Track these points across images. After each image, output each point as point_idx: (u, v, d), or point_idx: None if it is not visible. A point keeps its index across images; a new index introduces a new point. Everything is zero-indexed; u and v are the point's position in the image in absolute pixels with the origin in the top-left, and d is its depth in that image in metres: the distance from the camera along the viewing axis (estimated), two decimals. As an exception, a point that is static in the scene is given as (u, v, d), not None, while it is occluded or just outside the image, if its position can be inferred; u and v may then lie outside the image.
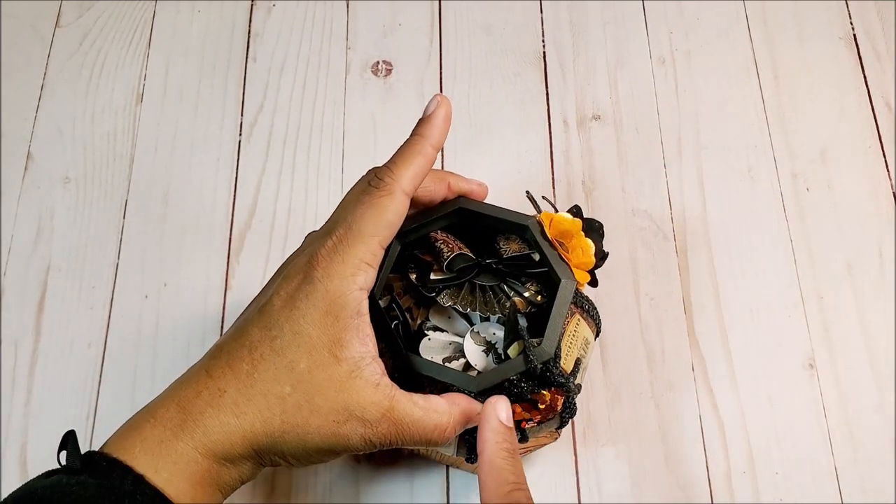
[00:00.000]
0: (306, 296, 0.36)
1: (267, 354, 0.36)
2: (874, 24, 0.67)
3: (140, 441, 0.35)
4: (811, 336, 0.57)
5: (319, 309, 0.36)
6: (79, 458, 0.34)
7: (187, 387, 0.37)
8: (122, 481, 0.34)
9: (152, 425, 0.36)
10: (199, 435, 0.35)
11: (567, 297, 0.42)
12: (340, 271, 0.36)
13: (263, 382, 0.36)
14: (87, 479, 0.33)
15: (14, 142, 0.64)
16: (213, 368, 0.37)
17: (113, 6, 0.69)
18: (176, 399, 0.36)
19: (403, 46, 0.67)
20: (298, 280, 0.37)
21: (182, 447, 0.35)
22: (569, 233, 0.44)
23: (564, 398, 0.41)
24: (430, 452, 0.51)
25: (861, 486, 0.53)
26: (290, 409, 0.36)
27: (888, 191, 0.62)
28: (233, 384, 0.36)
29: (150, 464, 0.35)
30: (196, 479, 0.35)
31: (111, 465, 0.34)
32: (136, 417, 0.37)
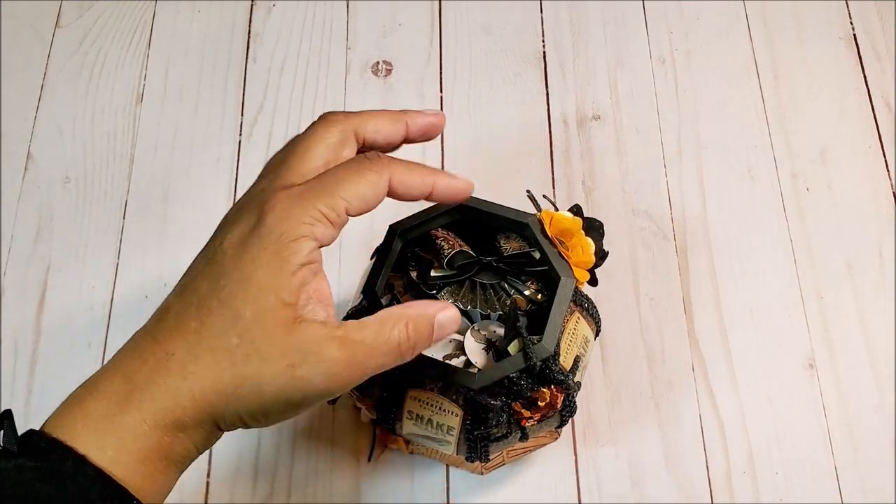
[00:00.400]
0: (259, 239, 0.33)
1: (214, 307, 0.33)
2: (874, 24, 0.67)
3: (82, 417, 0.33)
4: (811, 336, 0.57)
5: (269, 251, 0.33)
6: (15, 439, 0.32)
7: (132, 355, 0.34)
8: (62, 462, 0.31)
9: (95, 399, 0.33)
10: (146, 405, 0.33)
11: (567, 294, 0.42)
12: (299, 216, 0.34)
13: (211, 338, 0.33)
14: (24, 463, 0.31)
15: (14, 142, 0.64)
16: (158, 332, 0.34)
17: (113, 6, 0.69)
18: (120, 369, 0.33)
19: (403, 46, 0.67)
20: (251, 224, 0.34)
21: (129, 421, 0.32)
22: (569, 231, 0.44)
23: (564, 396, 0.41)
24: (430, 452, 0.51)
25: (861, 486, 0.53)
26: (239, 360, 0.33)
27: (888, 191, 0.62)
28: (181, 345, 0.33)
29: (93, 441, 0.32)
30: (145, 455, 0.33)
31: (50, 445, 0.32)
32: (78, 392, 0.34)
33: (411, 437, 0.44)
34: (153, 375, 0.33)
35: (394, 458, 0.53)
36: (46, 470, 0.31)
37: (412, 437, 0.44)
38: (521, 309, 0.44)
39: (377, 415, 0.44)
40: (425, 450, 0.50)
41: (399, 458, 0.53)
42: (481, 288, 0.45)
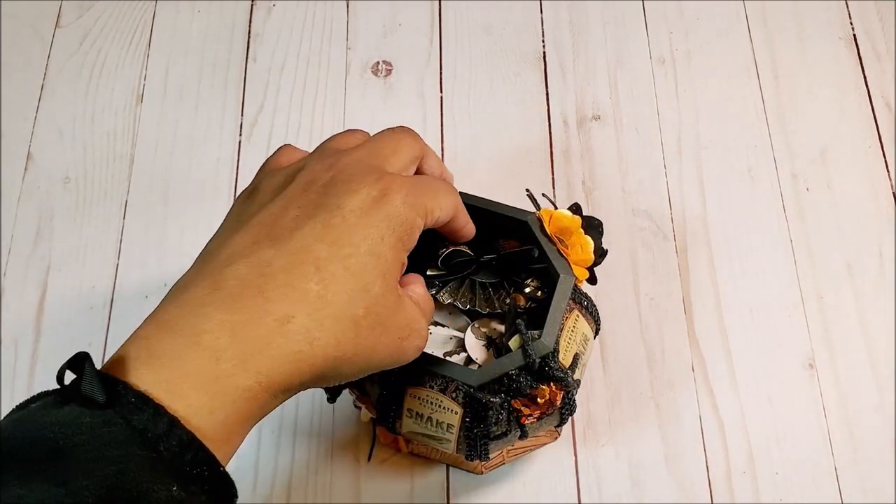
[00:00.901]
0: (387, 218, 0.34)
1: (340, 274, 0.32)
2: (874, 24, 0.67)
3: (187, 375, 0.29)
4: (811, 336, 0.57)
5: (397, 234, 0.34)
6: (101, 387, 0.28)
7: (237, 309, 0.31)
8: (155, 422, 0.28)
9: (199, 356, 0.30)
10: (265, 369, 0.31)
11: (566, 292, 0.42)
12: (418, 207, 0.35)
13: (337, 305, 0.32)
14: (112, 418, 0.28)
15: (14, 142, 0.64)
16: (266, 288, 0.31)
17: (113, 6, 0.69)
18: (227, 324, 0.30)
19: (403, 46, 0.67)
20: (373, 197, 0.34)
21: (244, 383, 0.30)
22: (568, 229, 0.44)
23: (563, 393, 0.41)
24: (430, 451, 0.51)
25: (861, 486, 0.53)
26: (363, 331, 0.33)
27: (888, 191, 0.62)
28: (301, 308, 0.32)
29: (204, 404, 0.29)
30: (245, 418, 0.31)
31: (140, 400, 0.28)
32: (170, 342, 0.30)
33: (411, 435, 0.44)
34: (274, 338, 0.31)
35: (394, 458, 0.53)
36: (139, 430, 0.28)
37: (412, 435, 0.44)
38: (520, 306, 0.44)
39: (377, 413, 0.44)
40: (425, 448, 0.50)
41: (399, 458, 0.53)
42: (481, 287, 0.45)
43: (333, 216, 0.33)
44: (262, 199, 0.36)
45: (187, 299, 0.32)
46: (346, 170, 0.35)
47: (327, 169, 0.35)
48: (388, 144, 0.38)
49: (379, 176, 0.35)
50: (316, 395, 0.55)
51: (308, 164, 0.36)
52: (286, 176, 0.36)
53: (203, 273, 0.33)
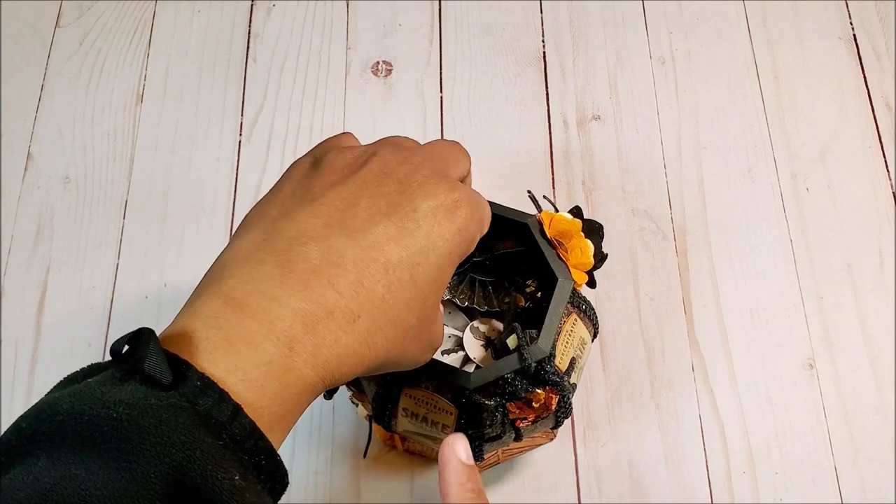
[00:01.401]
0: (458, 231, 0.33)
1: (405, 280, 0.32)
2: (874, 24, 0.67)
3: (264, 365, 0.28)
4: (811, 336, 0.57)
5: (461, 248, 0.34)
6: (167, 368, 0.27)
7: (307, 298, 0.30)
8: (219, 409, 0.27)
9: (275, 344, 0.29)
10: (330, 365, 0.30)
11: (564, 296, 0.42)
12: (477, 223, 0.35)
13: (397, 312, 0.32)
14: (179, 402, 0.26)
15: (14, 142, 0.64)
16: (338, 281, 0.30)
17: (113, 6, 0.69)
18: (300, 314, 0.29)
19: (403, 46, 0.67)
20: (446, 205, 0.33)
21: (310, 377, 0.30)
22: (568, 232, 0.44)
23: (559, 397, 0.41)
24: (426, 449, 0.51)
25: (861, 486, 0.53)
26: (409, 339, 0.33)
27: (888, 191, 0.62)
28: (367, 309, 0.31)
29: (278, 395, 0.29)
30: (304, 406, 0.31)
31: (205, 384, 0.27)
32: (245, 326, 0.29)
33: (407, 434, 0.44)
34: (341, 336, 0.30)
35: (393, 457, 0.53)
36: (203, 415, 0.27)
37: (407, 434, 0.44)
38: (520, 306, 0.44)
39: (373, 411, 0.44)
40: (421, 447, 0.51)
41: (399, 458, 0.53)
42: (480, 284, 0.45)
43: (409, 219, 0.32)
44: (330, 175, 0.34)
45: (256, 276, 0.30)
46: (420, 169, 0.34)
47: (402, 162, 0.34)
48: (451, 154, 0.37)
49: (452, 185, 0.34)
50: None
51: (379, 152, 0.34)
52: (356, 157, 0.34)
53: (270, 246, 0.31)
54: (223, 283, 0.30)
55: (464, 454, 0.38)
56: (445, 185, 0.34)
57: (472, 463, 0.38)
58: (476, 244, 0.35)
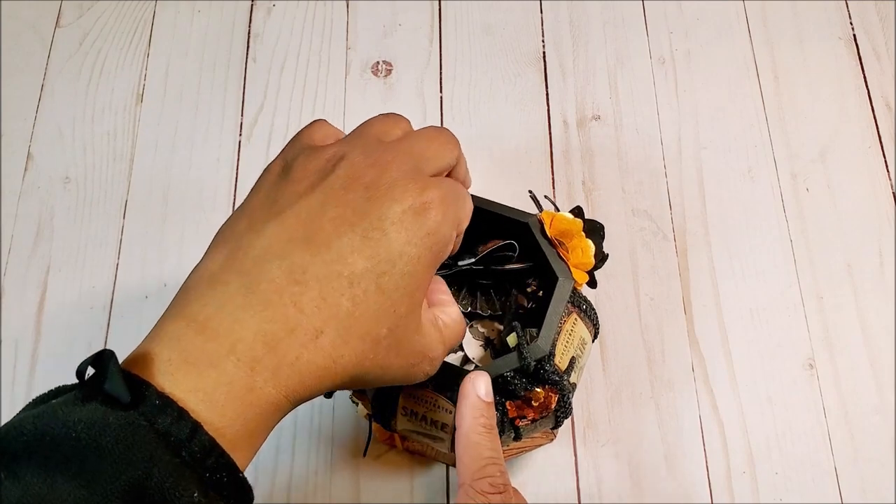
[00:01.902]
0: (428, 234, 0.32)
1: (371, 292, 0.31)
2: (874, 24, 0.67)
3: (225, 385, 0.29)
4: (811, 336, 0.57)
5: (433, 253, 0.33)
6: (126, 387, 0.27)
7: (270, 318, 0.30)
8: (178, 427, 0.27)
9: (236, 365, 0.29)
10: (293, 383, 0.30)
11: (564, 295, 0.42)
12: (452, 221, 0.34)
13: (364, 324, 0.32)
14: (138, 420, 0.27)
15: (14, 142, 0.64)
16: (301, 298, 0.31)
17: (113, 6, 0.69)
18: (261, 334, 0.30)
19: (403, 46, 0.67)
20: (412, 209, 0.32)
21: (273, 395, 0.30)
22: (569, 232, 0.44)
23: (559, 397, 0.41)
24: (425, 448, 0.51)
25: (861, 486, 0.53)
26: (381, 351, 0.33)
27: (888, 191, 0.62)
28: (331, 324, 0.31)
29: (238, 414, 0.29)
30: (270, 425, 0.31)
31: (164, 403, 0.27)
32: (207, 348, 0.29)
33: (406, 433, 0.44)
34: (303, 353, 0.31)
35: (393, 457, 0.53)
36: (162, 433, 0.27)
37: (407, 433, 0.44)
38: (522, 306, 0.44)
39: (373, 410, 0.44)
40: (420, 446, 0.51)
41: (399, 458, 0.53)
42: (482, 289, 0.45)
43: (374, 228, 0.32)
44: (298, 183, 0.33)
45: (220, 298, 0.31)
46: (389, 170, 0.33)
47: (371, 164, 0.33)
48: (430, 146, 0.36)
49: (423, 186, 0.33)
50: (316, 396, 0.55)
51: (349, 155, 0.34)
52: (326, 161, 0.34)
53: (235, 266, 0.31)
54: (187, 306, 0.31)
55: (483, 391, 0.38)
56: (414, 186, 0.33)
57: (490, 400, 0.38)
58: (453, 243, 0.34)
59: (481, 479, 0.36)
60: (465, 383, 0.38)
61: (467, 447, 0.37)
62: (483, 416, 0.38)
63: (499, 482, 0.36)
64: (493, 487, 0.36)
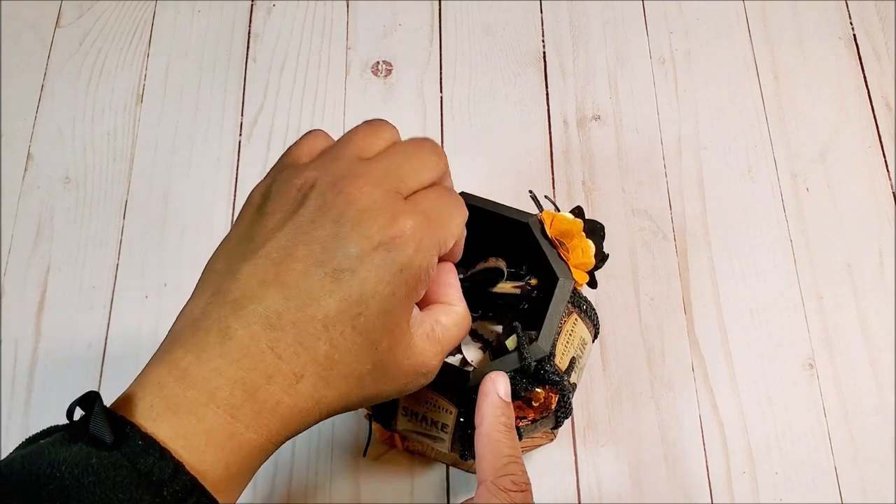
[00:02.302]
0: (400, 270, 0.32)
1: (347, 334, 0.31)
2: (874, 24, 0.67)
3: (205, 432, 0.29)
4: (811, 336, 0.57)
5: (409, 286, 0.32)
6: (109, 428, 0.28)
7: (248, 367, 0.30)
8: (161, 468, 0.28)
9: (216, 412, 0.30)
10: (275, 426, 0.31)
11: (564, 295, 0.42)
12: (428, 249, 0.33)
13: (345, 365, 0.32)
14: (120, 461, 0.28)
15: (14, 142, 0.64)
16: (278, 345, 0.31)
17: (113, 6, 0.69)
18: (240, 382, 0.30)
19: (403, 46, 0.67)
20: (381, 242, 0.32)
21: (255, 440, 0.31)
22: (569, 232, 0.44)
23: (559, 397, 0.41)
24: (425, 448, 0.51)
25: (861, 486, 0.53)
26: (367, 384, 0.33)
27: (888, 191, 0.62)
28: (310, 368, 0.31)
29: (221, 459, 0.30)
30: (254, 466, 0.31)
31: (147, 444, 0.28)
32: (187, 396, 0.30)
33: (406, 433, 0.44)
34: (283, 398, 0.31)
35: (393, 457, 0.53)
36: (144, 473, 0.28)
37: (407, 433, 0.44)
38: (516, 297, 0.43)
39: (373, 409, 0.44)
40: (421, 446, 0.51)
41: (399, 458, 0.53)
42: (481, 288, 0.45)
43: (343, 267, 0.31)
44: (270, 218, 0.33)
45: (200, 345, 0.31)
46: (358, 199, 0.32)
47: (339, 192, 0.32)
48: (409, 162, 0.34)
49: (392, 216, 0.32)
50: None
51: (318, 183, 0.33)
52: (298, 190, 0.33)
53: (214, 312, 0.32)
54: (171, 352, 0.31)
55: (503, 391, 0.38)
56: (383, 218, 0.32)
57: (509, 400, 0.39)
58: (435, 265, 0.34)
59: (503, 476, 0.36)
60: (486, 382, 0.38)
61: (488, 445, 0.37)
62: (504, 415, 0.38)
63: (521, 480, 0.37)
64: (515, 485, 0.36)
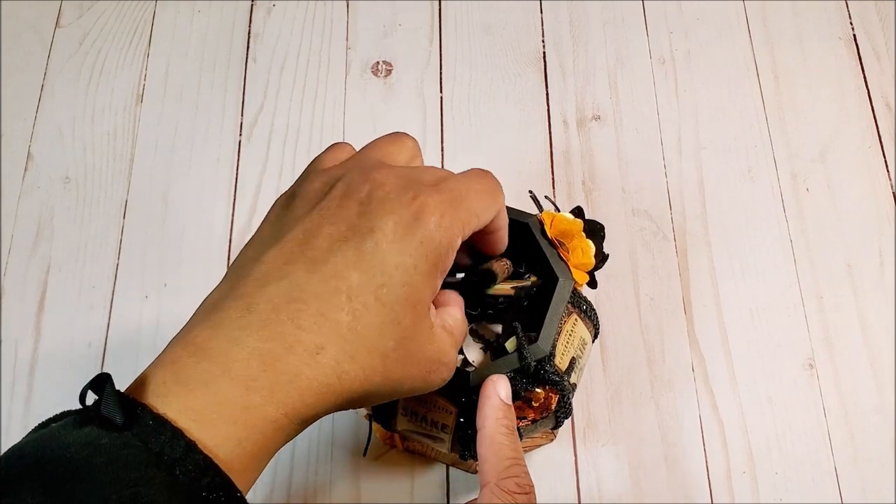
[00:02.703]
0: (420, 244, 0.32)
1: (371, 305, 0.31)
2: (874, 24, 0.67)
3: (217, 405, 0.29)
4: (811, 336, 0.57)
5: (430, 261, 0.32)
6: (119, 409, 0.28)
7: (267, 337, 0.30)
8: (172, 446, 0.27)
9: (230, 384, 0.29)
10: (293, 401, 0.30)
11: (564, 296, 0.42)
12: (452, 226, 0.33)
13: (369, 339, 0.31)
14: (131, 440, 0.27)
15: (14, 142, 0.64)
16: (299, 315, 0.31)
17: (113, 6, 0.69)
18: (257, 353, 0.30)
19: (403, 46, 0.67)
20: (406, 221, 0.32)
21: (272, 414, 0.30)
22: (569, 232, 0.44)
23: (559, 397, 0.41)
24: (425, 448, 0.51)
25: (861, 486, 0.53)
26: (391, 364, 0.32)
27: (888, 191, 0.62)
28: (333, 340, 0.31)
29: (232, 434, 0.29)
30: (273, 446, 0.31)
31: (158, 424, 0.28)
32: (200, 368, 0.29)
33: (406, 433, 0.44)
34: (303, 369, 0.30)
35: (393, 457, 0.53)
36: (155, 453, 0.27)
37: (407, 433, 0.44)
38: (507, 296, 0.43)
39: (373, 409, 0.44)
40: (421, 447, 0.51)
41: (399, 458, 0.53)
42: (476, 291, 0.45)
43: (366, 241, 0.32)
44: (298, 209, 0.34)
45: (219, 321, 0.31)
46: (384, 184, 0.33)
47: (364, 180, 0.33)
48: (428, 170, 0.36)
49: (415, 194, 0.33)
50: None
51: (347, 174, 0.34)
52: (325, 183, 0.35)
53: (236, 291, 0.32)
54: (188, 332, 0.31)
55: (504, 393, 0.38)
56: (407, 196, 0.33)
57: (510, 403, 0.39)
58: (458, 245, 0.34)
59: (507, 478, 0.36)
60: (487, 385, 0.38)
61: (491, 447, 0.37)
62: (506, 417, 0.38)
63: (524, 482, 0.36)
64: (519, 487, 0.36)
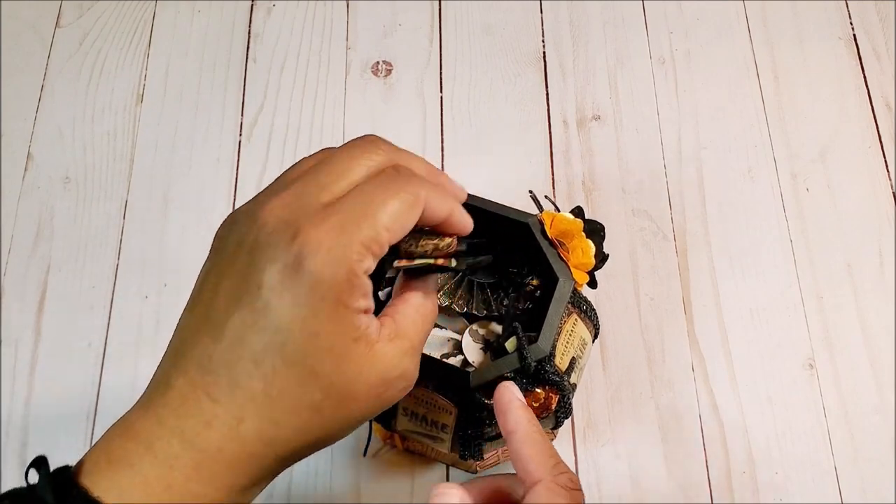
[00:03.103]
0: (310, 289, 0.29)
1: (279, 368, 0.30)
2: (874, 24, 0.67)
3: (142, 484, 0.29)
4: (811, 336, 0.57)
5: (330, 301, 0.30)
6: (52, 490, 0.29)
7: (185, 413, 0.30)
8: None
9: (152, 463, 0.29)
10: (222, 475, 0.30)
11: (564, 295, 0.42)
12: (345, 256, 0.30)
13: (289, 400, 0.30)
14: None
15: (14, 142, 0.64)
16: (211, 388, 0.30)
17: (113, 6, 0.69)
18: (177, 431, 0.30)
19: (403, 46, 0.67)
20: (289, 263, 0.30)
21: (199, 490, 0.30)
22: (569, 232, 0.44)
23: (559, 397, 0.41)
24: (425, 448, 0.51)
25: (861, 486, 0.53)
26: (328, 411, 0.31)
27: (888, 191, 0.62)
28: (251, 410, 0.30)
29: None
30: None
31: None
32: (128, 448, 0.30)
33: (407, 433, 0.44)
34: (227, 444, 0.30)
35: (393, 457, 0.53)
36: None
37: (407, 433, 0.44)
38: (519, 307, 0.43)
39: None
40: (421, 446, 0.51)
41: (399, 458, 0.53)
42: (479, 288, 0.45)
43: (256, 300, 0.30)
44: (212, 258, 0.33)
45: (147, 399, 0.31)
46: (265, 224, 0.31)
47: (252, 221, 0.31)
48: (335, 165, 0.32)
49: (295, 232, 0.30)
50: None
51: (239, 214, 0.32)
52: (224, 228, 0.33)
53: (165, 364, 0.32)
54: (129, 412, 0.32)
55: (521, 397, 0.38)
56: (287, 235, 0.30)
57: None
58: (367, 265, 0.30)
59: (560, 474, 0.35)
60: (504, 392, 0.38)
61: (534, 446, 0.36)
62: (534, 418, 0.37)
63: (574, 478, 0.36)
64: (572, 483, 0.35)
